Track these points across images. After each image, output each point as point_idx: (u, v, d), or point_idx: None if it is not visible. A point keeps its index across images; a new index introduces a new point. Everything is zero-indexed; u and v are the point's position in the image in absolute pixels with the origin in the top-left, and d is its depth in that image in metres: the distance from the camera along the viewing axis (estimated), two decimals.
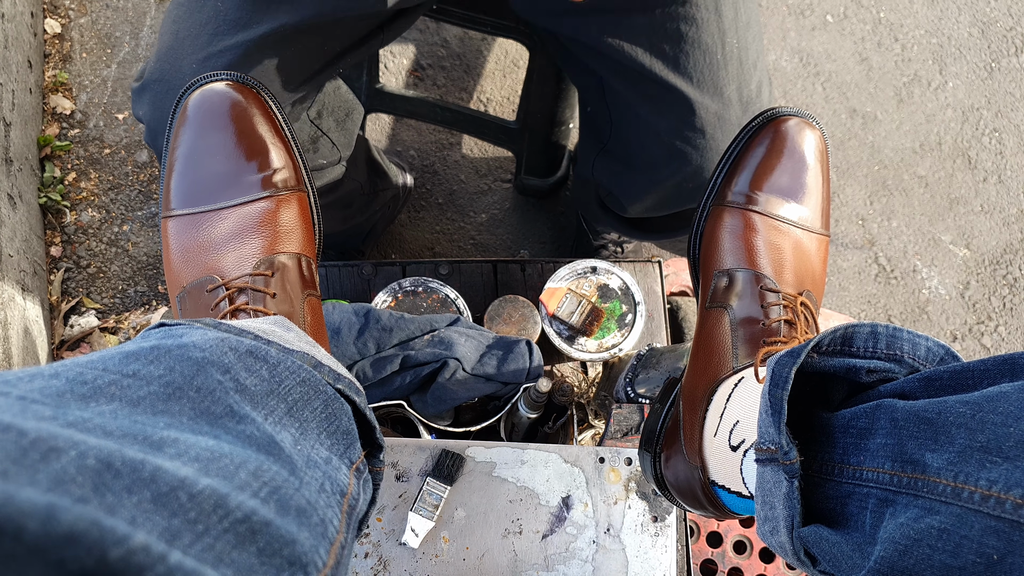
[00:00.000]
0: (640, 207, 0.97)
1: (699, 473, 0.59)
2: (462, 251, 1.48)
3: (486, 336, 0.93)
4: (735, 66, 0.79)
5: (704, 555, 0.98)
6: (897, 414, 0.43)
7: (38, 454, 0.25)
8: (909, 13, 1.74)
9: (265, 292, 0.59)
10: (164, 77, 0.75)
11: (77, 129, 1.46)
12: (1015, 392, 0.38)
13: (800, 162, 0.68)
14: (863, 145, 1.64)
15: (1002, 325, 1.56)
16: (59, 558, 0.21)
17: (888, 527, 0.41)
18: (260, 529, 0.30)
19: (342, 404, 0.48)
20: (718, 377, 0.60)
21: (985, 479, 0.36)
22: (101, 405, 0.33)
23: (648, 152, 0.87)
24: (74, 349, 1.32)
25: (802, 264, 0.65)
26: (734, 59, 0.79)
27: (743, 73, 0.80)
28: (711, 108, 0.80)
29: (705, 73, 0.79)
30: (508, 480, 0.76)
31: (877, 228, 1.60)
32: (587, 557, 0.74)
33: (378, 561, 0.73)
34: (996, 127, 1.67)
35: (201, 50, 0.74)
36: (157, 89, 0.76)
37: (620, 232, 1.15)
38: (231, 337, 0.44)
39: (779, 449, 0.45)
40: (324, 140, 0.92)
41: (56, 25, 1.51)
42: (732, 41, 0.78)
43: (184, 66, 0.74)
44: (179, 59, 0.75)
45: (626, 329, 1.01)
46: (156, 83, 0.76)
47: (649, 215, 0.99)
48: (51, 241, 1.39)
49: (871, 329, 0.48)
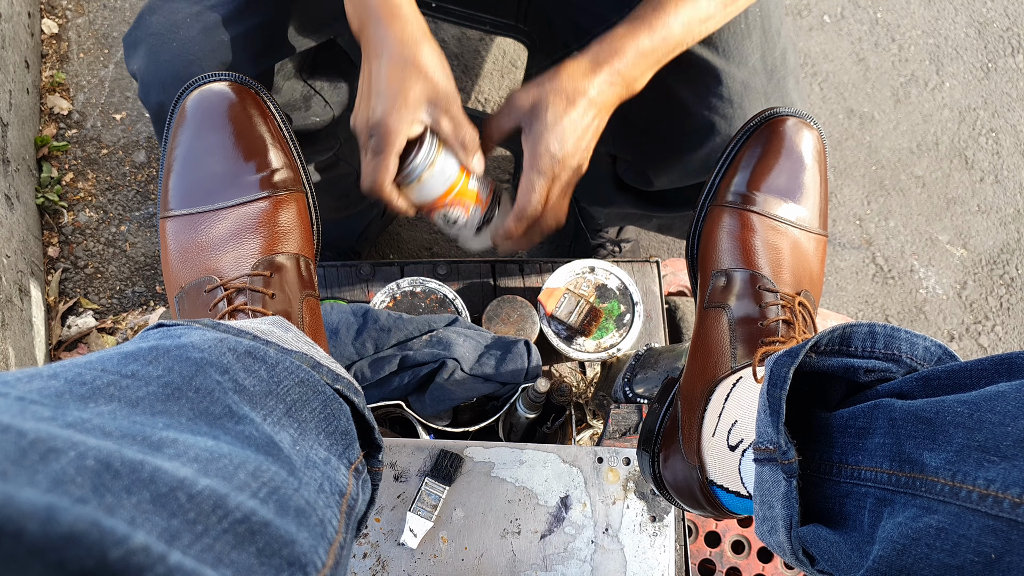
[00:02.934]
0: (666, 179, 0.94)
1: (697, 473, 0.59)
2: (460, 251, 1.48)
3: (484, 336, 0.93)
4: (759, 34, 0.79)
5: (702, 555, 0.98)
6: (895, 413, 0.43)
7: (37, 455, 0.25)
8: (906, 13, 1.75)
9: (263, 292, 0.59)
10: (158, 30, 0.73)
11: (74, 129, 1.46)
12: (1013, 391, 0.38)
13: (798, 162, 0.68)
14: (860, 145, 1.64)
15: (999, 325, 1.56)
16: (59, 559, 0.21)
17: (886, 526, 0.41)
18: (259, 529, 0.30)
19: (341, 404, 0.48)
20: (716, 377, 0.60)
21: (983, 478, 0.36)
22: (100, 406, 0.33)
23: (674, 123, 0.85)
24: (72, 349, 1.32)
25: (800, 264, 0.65)
26: (757, 27, 0.79)
27: (767, 41, 0.80)
28: (737, 77, 0.79)
29: (730, 42, 0.78)
30: (506, 480, 0.76)
31: (874, 228, 1.60)
32: (585, 557, 0.74)
33: (376, 561, 0.73)
34: (993, 127, 1.68)
35: (197, 2, 0.73)
36: (152, 43, 0.74)
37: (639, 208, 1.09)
38: (230, 337, 0.44)
39: (777, 449, 0.46)
40: (317, 99, 0.91)
41: (53, 25, 1.51)
42: (755, 10, 0.78)
43: (179, 19, 0.73)
44: (174, 11, 0.74)
45: (624, 329, 1.01)
46: (151, 36, 0.74)
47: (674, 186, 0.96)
48: (48, 242, 1.38)
49: (869, 329, 0.48)
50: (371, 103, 0.64)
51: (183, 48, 0.72)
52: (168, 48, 0.72)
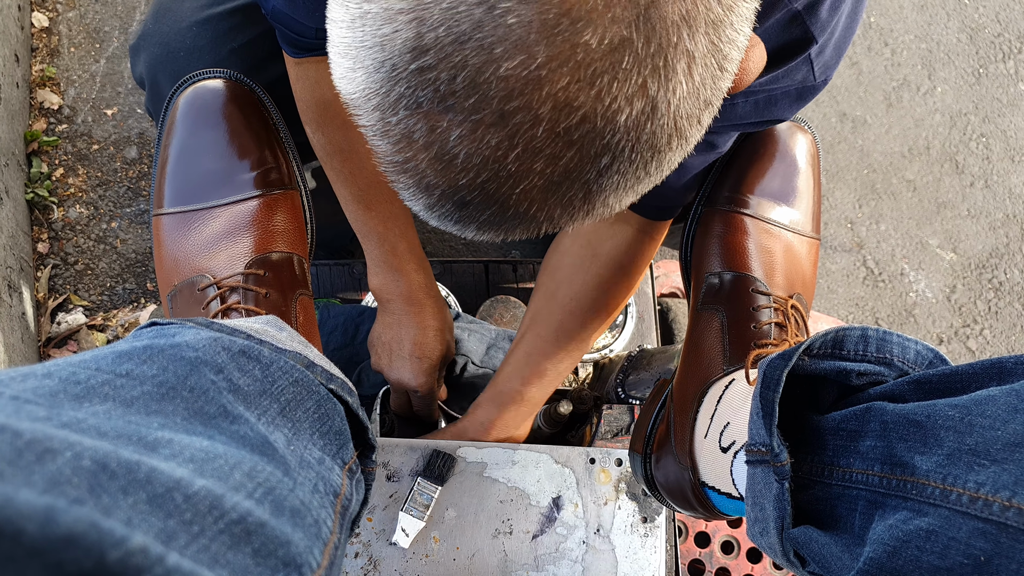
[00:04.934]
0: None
1: (689, 474, 0.59)
2: (453, 251, 1.48)
3: (488, 329, 0.93)
4: None
5: (692, 555, 0.98)
6: (887, 417, 0.43)
7: (33, 455, 0.25)
8: (899, 18, 1.76)
9: (257, 291, 0.59)
10: (161, 35, 0.73)
11: (65, 124, 1.45)
12: (1003, 396, 0.39)
13: (791, 166, 0.68)
14: (852, 149, 1.65)
15: (987, 328, 1.57)
16: (57, 560, 0.21)
17: (877, 528, 0.41)
18: (255, 530, 0.30)
19: (335, 404, 0.48)
20: (709, 379, 0.61)
21: (973, 481, 0.36)
22: (95, 405, 0.33)
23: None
24: (61, 346, 1.31)
25: (793, 267, 0.66)
26: None
27: None
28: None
29: None
30: (499, 480, 0.76)
31: (865, 231, 1.61)
32: (577, 557, 0.74)
33: (368, 561, 0.73)
34: (983, 132, 1.69)
35: (201, 11, 0.73)
36: (154, 48, 0.74)
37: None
38: (224, 337, 0.44)
39: (770, 451, 0.46)
40: None
41: (44, 19, 1.50)
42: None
43: (183, 26, 0.72)
44: (178, 19, 0.73)
45: (617, 330, 1.01)
46: (153, 44, 0.74)
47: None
48: (38, 237, 1.37)
49: (861, 332, 0.49)
50: (410, 365, 0.83)
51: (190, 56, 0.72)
52: (170, 53, 0.72)
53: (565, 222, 0.38)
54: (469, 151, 0.33)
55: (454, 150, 0.33)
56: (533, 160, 0.33)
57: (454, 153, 0.34)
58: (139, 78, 0.77)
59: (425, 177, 0.36)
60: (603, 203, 0.37)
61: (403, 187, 0.38)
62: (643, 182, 0.37)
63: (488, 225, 0.38)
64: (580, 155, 0.33)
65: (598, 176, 0.35)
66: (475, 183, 0.34)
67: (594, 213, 0.38)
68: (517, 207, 0.36)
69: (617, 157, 0.34)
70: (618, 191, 0.37)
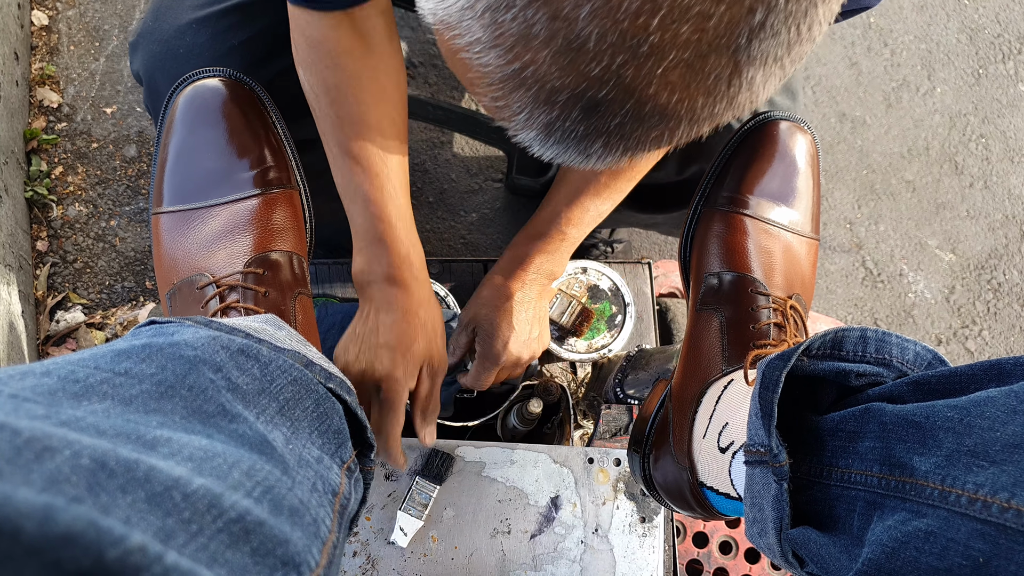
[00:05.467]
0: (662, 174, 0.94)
1: (687, 474, 0.59)
2: (452, 250, 1.48)
3: None
4: None
5: (690, 555, 0.98)
6: (886, 418, 0.43)
7: (32, 453, 0.25)
8: (899, 19, 1.76)
9: (256, 290, 0.59)
10: (159, 32, 0.73)
11: (64, 123, 1.45)
12: (1002, 397, 0.39)
13: (791, 166, 0.68)
14: (852, 149, 1.65)
15: (986, 329, 1.57)
16: (56, 558, 0.21)
17: (876, 530, 0.41)
18: (254, 529, 0.30)
19: (333, 403, 0.48)
20: (707, 379, 0.61)
21: (972, 483, 0.36)
22: (94, 404, 0.33)
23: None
24: (60, 345, 1.31)
25: (792, 268, 0.66)
26: None
27: None
28: None
29: None
30: (497, 480, 0.76)
31: (864, 232, 1.61)
32: (575, 557, 0.74)
33: (367, 560, 0.73)
34: (983, 133, 1.69)
35: (200, 8, 0.73)
36: (152, 45, 0.73)
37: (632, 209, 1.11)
38: (223, 335, 0.44)
39: (768, 451, 0.46)
40: None
41: (43, 17, 1.50)
42: None
43: (182, 24, 0.72)
44: (177, 16, 0.72)
45: (615, 330, 1.01)
46: (152, 41, 0.73)
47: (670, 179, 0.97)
48: (37, 235, 1.37)
49: (861, 333, 0.49)
50: (378, 353, 0.66)
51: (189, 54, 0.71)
52: (168, 49, 0.71)
53: (705, 117, 0.34)
54: (603, 28, 0.29)
55: (584, 32, 0.29)
56: (680, 23, 0.29)
57: (584, 36, 0.29)
58: (137, 75, 0.77)
59: (548, 81, 0.31)
60: (749, 85, 0.33)
61: (518, 108, 0.33)
62: (793, 49, 0.33)
63: (619, 136, 0.33)
64: (731, 11, 0.29)
65: (748, 41, 0.31)
66: (610, 70, 0.30)
67: (737, 101, 0.34)
68: (656, 99, 0.31)
69: (772, 10, 0.30)
70: (767, 63, 0.32)
